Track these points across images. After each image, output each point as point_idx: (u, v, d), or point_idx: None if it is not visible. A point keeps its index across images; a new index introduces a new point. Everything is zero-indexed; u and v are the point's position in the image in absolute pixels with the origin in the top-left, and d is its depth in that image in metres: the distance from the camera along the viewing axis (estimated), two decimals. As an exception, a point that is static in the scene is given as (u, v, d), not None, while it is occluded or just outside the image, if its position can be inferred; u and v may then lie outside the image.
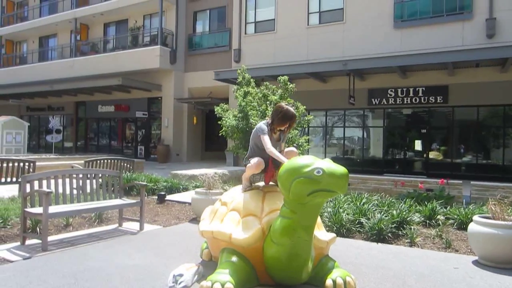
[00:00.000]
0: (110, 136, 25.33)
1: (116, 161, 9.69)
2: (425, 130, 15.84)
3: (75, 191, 5.49)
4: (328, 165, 3.11)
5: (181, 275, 3.56)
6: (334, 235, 3.98)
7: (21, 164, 7.95)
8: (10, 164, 7.73)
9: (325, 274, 3.68)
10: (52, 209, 4.78)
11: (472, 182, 10.49)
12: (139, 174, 9.74)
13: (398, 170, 15.85)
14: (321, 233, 3.86)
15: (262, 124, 4.08)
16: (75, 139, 26.66)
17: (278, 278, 3.52)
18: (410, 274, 4.20)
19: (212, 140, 23.02)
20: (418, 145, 16.19)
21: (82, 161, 9.26)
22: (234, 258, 3.58)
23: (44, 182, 5.00)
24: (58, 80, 23.09)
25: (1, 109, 26.95)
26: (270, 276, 3.57)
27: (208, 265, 4.12)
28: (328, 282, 3.59)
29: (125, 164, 10.05)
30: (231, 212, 3.91)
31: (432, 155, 15.76)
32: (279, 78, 9.65)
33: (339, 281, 3.59)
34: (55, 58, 26.15)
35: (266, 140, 3.89)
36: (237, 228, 3.71)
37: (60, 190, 5.30)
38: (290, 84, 9.43)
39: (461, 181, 10.66)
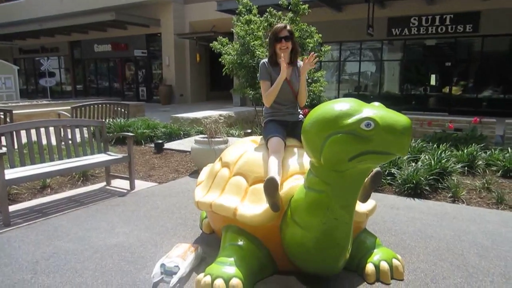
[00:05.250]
0: (110, 78, 24.05)
1: (107, 105, 8.63)
2: (449, 63, 14.39)
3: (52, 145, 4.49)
4: (382, 113, 2.01)
5: (173, 266, 2.63)
6: (374, 202, 2.98)
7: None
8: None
9: (364, 256, 2.76)
10: (11, 173, 3.82)
11: (507, 121, 9.36)
12: (135, 120, 8.72)
13: (418, 107, 14.66)
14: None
15: (261, 64, 3.25)
16: (74, 82, 25.42)
17: (304, 268, 2.57)
18: (468, 247, 3.26)
19: (217, 79, 21.63)
20: (441, 80, 14.82)
21: (69, 107, 8.22)
22: (241, 242, 2.63)
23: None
24: (48, 18, 21.42)
25: (-7, 53, 25.55)
26: (292, 263, 2.63)
27: (210, 242, 3.23)
28: (370, 267, 2.67)
29: (119, 109, 9.00)
30: (235, 177, 2.89)
31: (456, 90, 14.45)
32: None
33: (384, 266, 2.66)
34: (42, -8, 24.12)
35: (262, 86, 3.24)
36: (244, 200, 2.73)
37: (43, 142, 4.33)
38: (302, 5, 8.04)
39: (494, 119, 9.54)
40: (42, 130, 4.41)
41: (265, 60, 3.27)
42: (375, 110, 2.03)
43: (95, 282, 2.63)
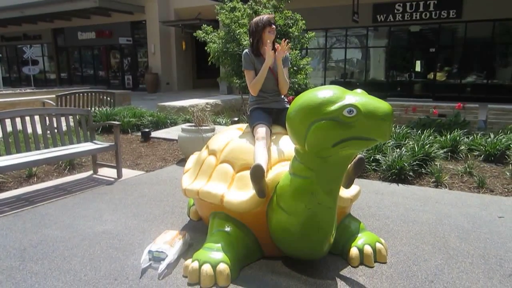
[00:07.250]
0: (95, 66, 23.68)
1: (93, 94, 8.54)
2: (434, 50, 14.54)
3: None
4: (364, 100, 2.05)
5: (160, 252, 2.67)
6: (358, 188, 3.05)
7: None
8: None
9: (348, 240, 2.83)
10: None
11: (489, 106, 9.54)
12: (121, 109, 8.64)
13: (403, 93, 14.81)
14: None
15: (244, 54, 3.26)
16: (58, 70, 24.95)
17: (289, 253, 2.64)
18: (449, 230, 3.36)
19: (204, 67, 21.39)
20: (425, 66, 14.98)
21: (54, 96, 8.11)
22: (228, 228, 2.68)
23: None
24: (30, 4, 20.85)
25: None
26: (278, 248, 2.69)
27: (197, 229, 3.27)
28: (354, 251, 2.74)
29: (105, 97, 8.91)
30: (222, 165, 2.92)
31: (440, 76, 14.62)
32: None
33: (368, 249, 2.74)
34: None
35: (247, 76, 3.26)
36: (231, 187, 2.77)
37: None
38: None
39: (477, 105, 9.72)
40: (27, 118, 4.37)
41: (248, 50, 3.28)
42: (357, 97, 2.07)
43: (83, 268, 2.66)
